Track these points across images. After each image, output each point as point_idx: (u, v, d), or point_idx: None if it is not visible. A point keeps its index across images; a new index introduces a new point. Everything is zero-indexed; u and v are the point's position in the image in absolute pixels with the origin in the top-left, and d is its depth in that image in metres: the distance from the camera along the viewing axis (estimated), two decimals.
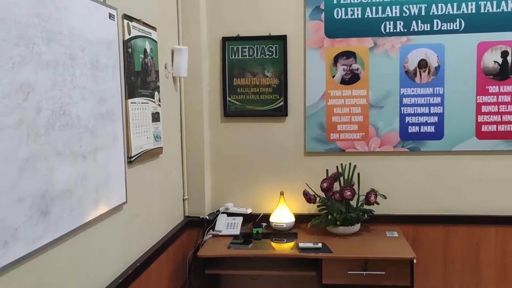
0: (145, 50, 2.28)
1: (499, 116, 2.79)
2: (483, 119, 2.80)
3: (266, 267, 2.62)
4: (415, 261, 2.40)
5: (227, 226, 2.85)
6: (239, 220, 2.89)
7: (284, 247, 2.63)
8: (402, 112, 2.86)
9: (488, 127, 2.80)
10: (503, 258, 2.85)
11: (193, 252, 2.79)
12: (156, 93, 2.42)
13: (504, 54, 2.77)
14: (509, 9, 2.74)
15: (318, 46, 2.90)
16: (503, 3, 2.74)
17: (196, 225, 2.91)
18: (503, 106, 2.79)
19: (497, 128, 2.80)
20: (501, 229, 2.84)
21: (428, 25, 2.81)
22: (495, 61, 2.78)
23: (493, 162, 2.83)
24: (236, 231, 2.82)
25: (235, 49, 2.97)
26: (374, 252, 2.48)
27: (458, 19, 2.79)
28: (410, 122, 2.86)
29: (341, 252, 2.48)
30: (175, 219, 2.81)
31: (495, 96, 2.79)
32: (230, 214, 2.94)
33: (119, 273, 2.00)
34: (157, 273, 2.40)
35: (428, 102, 2.84)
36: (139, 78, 2.21)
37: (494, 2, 2.75)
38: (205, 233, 2.83)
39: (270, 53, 2.95)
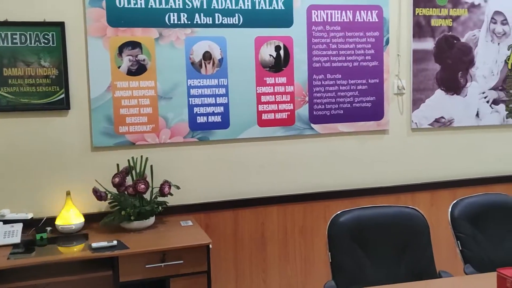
0: None
1: (276, 105, 3.06)
2: (263, 108, 3.04)
3: (57, 274, 2.39)
4: (211, 246, 2.48)
5: (5, 235, 2.52)
6: (19, 227, 2.58)
7: (74, 250, 2.44)
8: (190, 103, 2.92)
9: (267, 116, 3.05)
10: (284, 233, 3.15)
11: None
12: None
13: (277, 48, 3.04)
14: (280, 8, 3.02)
15: (101, 35, 2.76)
16: (274, 1, 3.01)
17: None
18: (279, 96, 3.06)
19: (275, 116, 3.06)
20: (282, 207, 3.13)
21: (210, 18, 2.91)
22: (270, 55, 3.03)
23: (273, 147, 3.10)
24: (16, 239, 2.51)
25: (3, 36, 2.63)
26: (171, 243, 2.47)
27: (237, 14, 2.96)
28: (198, 112, 2.94)
29: (138, 247, 2.41)
30: None
31: (272, 87, 3.05)
32: (7, 222, 2.60)
33: None
34: None
35: (214, 93, 2.95)
36: None
37: (267, 0, 2.99)
38: None
39: (46, 41, 2.69)
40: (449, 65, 3.39)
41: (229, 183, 3.04)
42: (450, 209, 2.47)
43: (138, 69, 2.83)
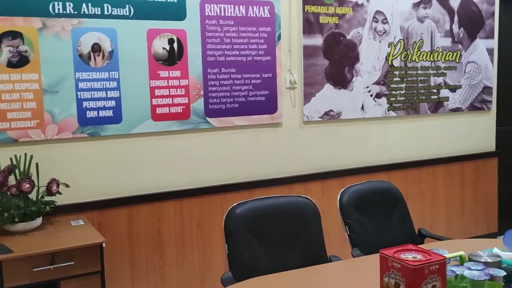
0: None
1: (171, 99, 3.02)
2: (157, 102, 2.98)
3: None
4: (104, 245, 2.39)
5: None
6: None
7: None
8: (79, 97, 2.79)
9: (161, 110, 3.00)
10: (181, 228, 3.13)
11: None
12: None
13: (171, 41, 3.00)
14: (172, 0, 2.98)
15: None
16: None
17: None
18: (173, 89, 3.03)
19: (169, 110, 3.02)
20: (179, 202, 3.11)
21: (99, 8, 2.80)
22: (163, 48, 2.98)
23: (168, 142, 3.06)
24: None
25: None
26: (60, 244, 2.35)
27: (127, 6, 2.87)
28: (88, 107, 2.81)
29: (24, 250, 2.26)
30: None
31: (166, 80, 3.00)
32: None
33: None
34: None
35: (104, 87, 2.84)
36: None
37: None
38: None
39: None
40: (336, 60, 3.57)
41: (123, 180, 2.95)
42: (338, 197, 2.60)
43: (19, 61, 2.64)
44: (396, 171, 3.86)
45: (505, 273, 1.75)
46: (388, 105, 3.80)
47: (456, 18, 4.02)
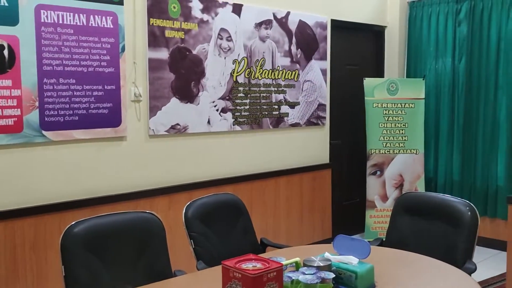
0: None
1: (0, 110, 2.76)
2: None
3: None
4: None
5: None
6: None
7: None
8: None
9: None
10: (13, 251, 2.85)
11: None
12: None
13: (1, 48, 2.74)
14: (3, 4, 2.74)
15: None
16: None
17: None
18: (3, 100, 2.77)
19: None
20: (9, 223, 2.83)
21: None
22: None
23: None
24: None
25: None
26: None
27: None
28: None
29: None
30: None
31: None
32: None
33: None
34: None
35: None
36: None
37: None
38: None
39: None
40: (182, 75, 3.59)
41: None
42: (184, 211, 2.61)
43: None
44: (242, 183, 3.99)
45: (334, 275, 1.91)
46: (233, 119, 3.93)
47: (294, 40, 4.33)
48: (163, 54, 3.48)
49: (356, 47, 5.14)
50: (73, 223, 2.20)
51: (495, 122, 4.61)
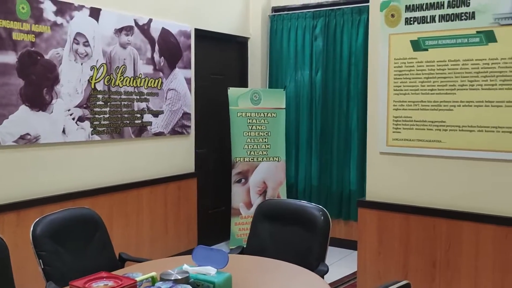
0: None
1: None
2: None
3: None
4: None
5: None
6: None
7: None
8: None
9: None
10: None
11: None
12: None
13: None
14: None
15: None
16: None
17: None
18: None
19: None
20: None
21: None
22: None
23: None
24: None
25: None
26: None
27: None
28: None
29: None
30: None
31: None
32: None
33: None
34: None
35: None
36: None
37: None
38: None
39: None
40: (33, 80, 3.33)
41: None
42: (31, 228, 2.40)
43: None
44: (101, 196, 3.81)
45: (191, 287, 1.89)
46: (92, 128, 3.74)
47: (157, 47, 4.25)
48: (10, 58, 3.19)
49: (221, 57, 5.21)
50: None
51: (348, 130, 4.97)
